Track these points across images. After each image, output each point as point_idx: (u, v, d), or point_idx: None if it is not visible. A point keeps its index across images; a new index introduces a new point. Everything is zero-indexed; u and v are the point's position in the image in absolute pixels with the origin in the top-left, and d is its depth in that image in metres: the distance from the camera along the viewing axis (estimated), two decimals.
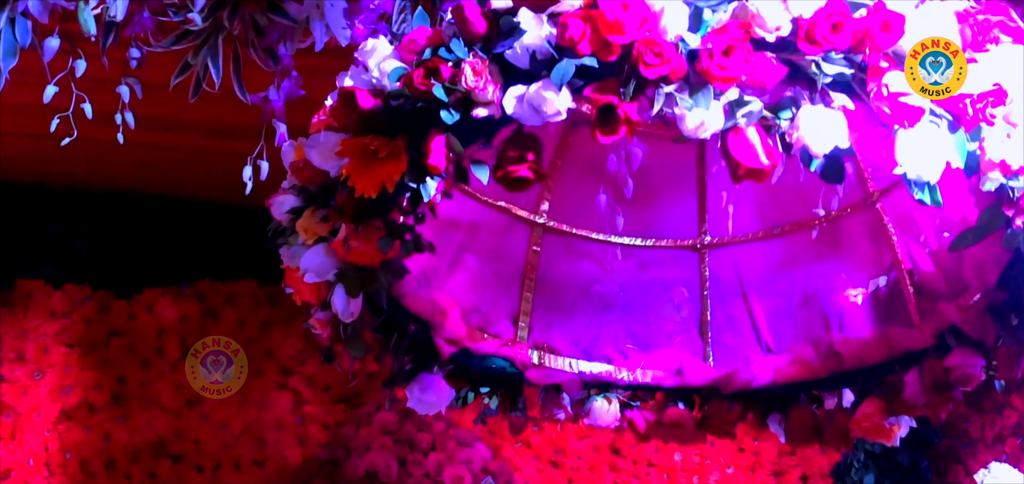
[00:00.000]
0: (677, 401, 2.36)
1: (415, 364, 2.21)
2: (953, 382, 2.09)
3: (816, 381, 2.30)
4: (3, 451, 3.77)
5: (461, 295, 2.27)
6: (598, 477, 4.11)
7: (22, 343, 3.85)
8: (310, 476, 3.88)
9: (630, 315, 2.42)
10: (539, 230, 2.39)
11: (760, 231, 2.44)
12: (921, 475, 4.34)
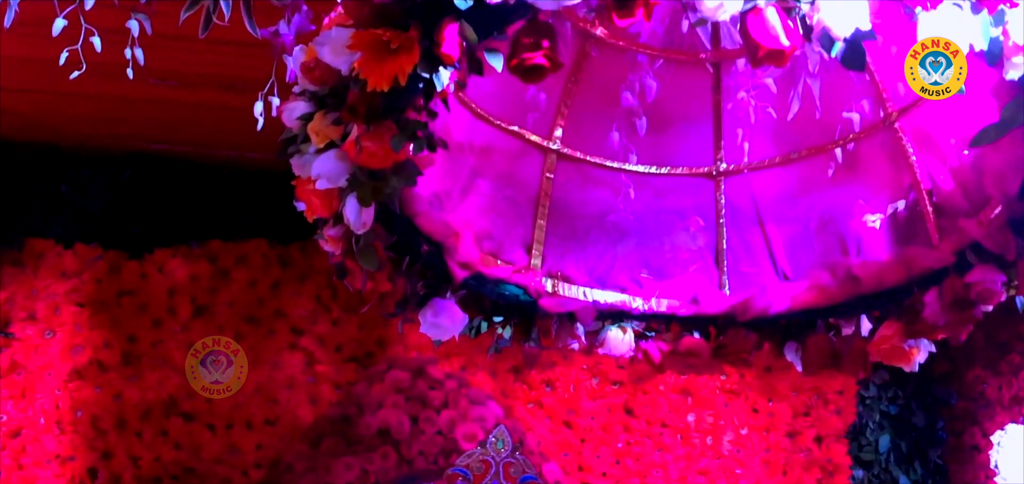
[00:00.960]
0: (692, 330, 2.33)
1: (428, 289, 2.18)
2: (974, 299, 2.06)
3: (833, 307, 2.27)
4: (14, 409, 3.76)
5: (474, 219, 2.25)
6: (611, 437, 4.08)
7: (33, 302, 3.83)
8: (322, 434, 3.85)
9: (645, 244, 2.39)
10: (553, 157, 2.36)
11: (777, 157, 2.41)
12: (937, 436, 4.31)
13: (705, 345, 2.31)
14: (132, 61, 2.11)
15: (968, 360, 4.37)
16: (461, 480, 3.29)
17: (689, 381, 4.18)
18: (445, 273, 2.17)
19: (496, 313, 2.30)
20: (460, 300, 2.22)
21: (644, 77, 2.34)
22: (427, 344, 3.92)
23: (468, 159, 2.27)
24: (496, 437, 3.32)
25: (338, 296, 4.01)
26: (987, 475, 4.26)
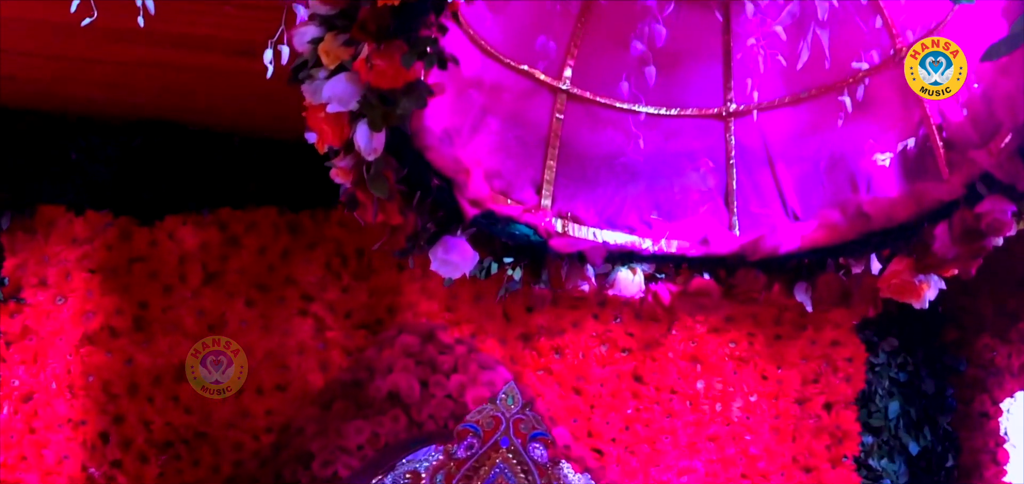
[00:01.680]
0: (702, 271, 2.33)
1: (438, 226, 2.19)
2: (984, 230, 2.06)
3: (844, 245, 2.27)
4: (26, 374, 3.77)
5: (484, 158, 2.25)
6: (620, 403, 4.08)
7: (44, 269, 3.84)
8: (333, 397, 3.86)
9: (655, 185, 2.39)
10: (562, 97, 2.36)
11: (787, 97, 2.41)
12: (946, 403, 4.30)
13: (715, 285, 2.31)
14: (143, 10, 2.12)
15: (977, 328, 4.37)
16: (471, 436, 3.31)
17: (698, 348, 4.18)
18: (455, 210, 2.17)
19: (506, 254, 2.30)
20: (470, 238, 2.22)
21: (653, 23, 2.34)
22: (437, 311, 3.94)
23: (478, 97, 2.27)
24: (506, 393, 3.33)
25: (348, 264, 4.02)
26: (997, 442, 4.26)
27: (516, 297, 4.06)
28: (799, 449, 4.16)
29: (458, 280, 3.98)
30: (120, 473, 3.72)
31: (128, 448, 3.75)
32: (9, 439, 3.72)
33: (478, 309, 4.09)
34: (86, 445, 3.72)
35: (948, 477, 4.22)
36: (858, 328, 4.29)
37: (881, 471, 4.16)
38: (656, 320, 4.16)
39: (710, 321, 4.20)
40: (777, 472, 4.11)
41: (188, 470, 3.77)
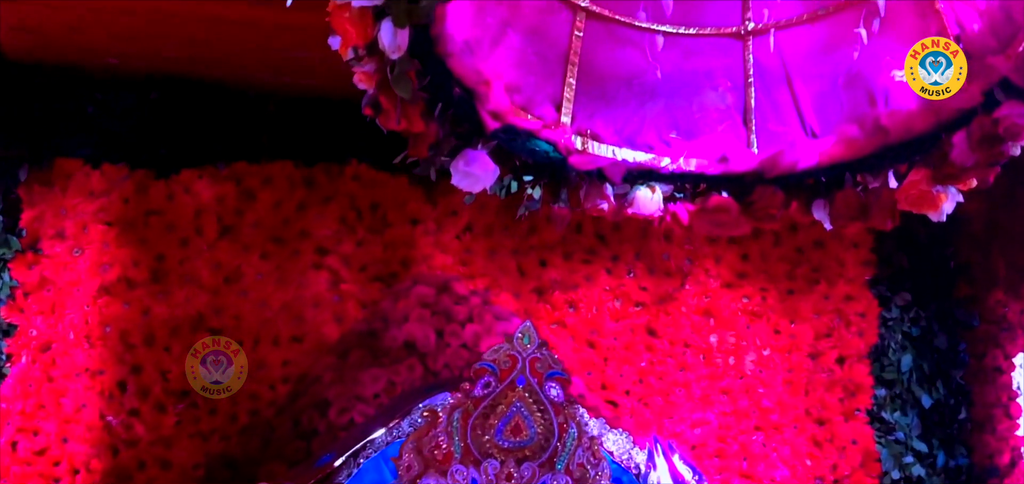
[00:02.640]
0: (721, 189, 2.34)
1: (460, 139, 2.21)
2: (1002, 135, 2.07)
3: (862, 160, 2.28)
4: (44, 324, 3.79)
5: (504, 71, 2.27)
6: (634, 356, 4.10)
7: (61, 221, 3.86)
8: (349, 347, 3.88)
9: (673, 104, 2.40)
10: (582, 14, 2.38)
11: (804, 14, 2.42)
12: (959, 357, 4.31)
13: (734, 203, 2.32)
14: None
15: (989, 285, 4.38)
16: (488, 375, 3.32)
17: (711, 303, 4.19)
18: (476, 123, 2.19)
19: (525, 172, 2.31)
20: (491, 152, 2.24)
21: None
22: (451, 265, 3.96)
23: (498, 9, 2.28)
24: (522, 333, 3.34)
25: (363, 217, 4.04)
26: (1009, 396, 4.28)
27: (529, 253, 4.09)
28: (812, 402, 4.17)
29: (472, 234, 4.03)
30: (138, 421, 3.74)
31: (145, 397, 3.76)
32: (27, 388, 3.74)
33: (492, 263, 4.11)
34: (104, 394, 3.74)
35: (961, 430, 4.23)
36: (871, 283, 4.31)
37: (894, 424, 4.17)
38: (669, 275, 4.18)
39: (723, 276, 4.22)
40: (790, 424, 4.12)
41: (205, 419, 3.79)
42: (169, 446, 3.73)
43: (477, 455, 3.28)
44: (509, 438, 3.28)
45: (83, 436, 3.70)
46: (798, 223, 4.19)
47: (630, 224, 4.19)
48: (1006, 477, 4.14)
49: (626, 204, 2.35)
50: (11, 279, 3.82)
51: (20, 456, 3.68)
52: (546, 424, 3.29)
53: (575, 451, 3.32)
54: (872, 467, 4.10)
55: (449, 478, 3.27)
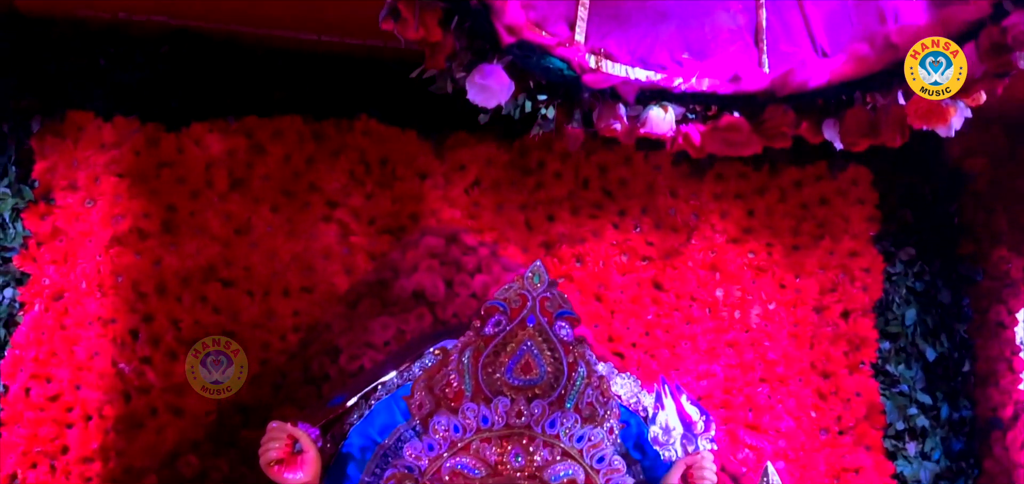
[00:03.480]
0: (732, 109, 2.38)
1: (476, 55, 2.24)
2: (1011, 44, 2.10)
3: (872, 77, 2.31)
4: (56, 273, 3.82)
5: None
6: (640, 309, 4.13)
7: (74, 172, 3.89)
8: (359, 297, 3.91)
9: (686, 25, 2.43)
10: None
11: None
12: (963, 312, 4.35)
13: (745, 122, 2.35)
14: None
15: (993, 242, 4.42)
16: (499, 313, 3.35)
17: (717, 258, 4.23)
18: (492, 37, 2.22)
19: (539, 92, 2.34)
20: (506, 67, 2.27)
21: None
22: (459, 219, 3.99)
23: None
24: (533, 272, 3.37)
25: (371, 171, 4.08)
26: (1012, 351, 4.31)
27: (537, 208, 4.12)
28: (817, 355, 4.21)
29: (480, 189, 4.06)
30: (150, 369, 3.77)
31: (157, 345, 3.79)
32: (40, 335, 3.77)
33: (500, 218, 4.15)
34: (116, 342, 3.77)
35: (964, 383, 4.27)
36: (875, 240, 4.35)
37: (898, 376, 4.21)
38: (675, 230, 4.22)
39: (729, 232, 4.26)
40: (795, 377, 4.15)
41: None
42: (181, 394, 3.75)
43: (488, 393, 3.30)
44: (519, 376, 3.31)
45: (96, 383, 3.73)
46: (804, 179, 4.25)
47: (637, 179, 4.23)
48: (1009, 430, 4.18)
49: (639, 124, 2.38)
50: (24, 229, 3.85)
51: (33, 402, 3.71)
52: (556, 363, 3.32)
53: (584, 390, 3.35)
54: (877, 419, 4.14)
55: (460, 416, 3.30)
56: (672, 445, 3.57)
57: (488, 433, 3.28)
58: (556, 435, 3.29)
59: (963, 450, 4.18)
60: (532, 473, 3.24)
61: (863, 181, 4.36)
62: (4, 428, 3.67)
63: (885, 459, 4.11)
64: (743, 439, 4.01)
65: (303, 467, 3.31)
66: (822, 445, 4.08)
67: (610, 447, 3.33)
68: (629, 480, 3.31)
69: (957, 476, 4.13)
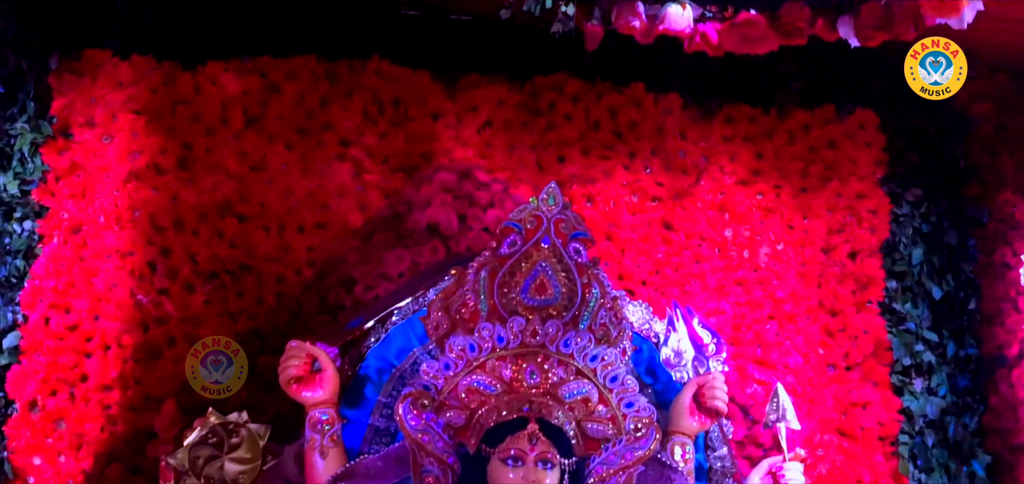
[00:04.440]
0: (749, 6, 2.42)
1: None
2: None
3: None
4: (74, 207, 3.87)
5: None
6: (651, 248, 4.17)
7: (91, 109, 3.94)
8: (374, 230, 3.96)
9: None
10: None
11: None
12: (969, 252, 4.40)
13: (762, 18, 2.39)
14: None
15: (998, 185, 4.47)
16: (514, 234, 3.39)
17: (726, 199, 4.27)
18: None
19: None
20: None
21: None
22: (471, 158, 4.04)
23: None
24: (547, 194, 3.42)
25: (384, 111, 4.13)
26: (1017, 291, 4.36)
27: (548, 149, 4.17)
28: (825, 294, 4.25)
29: (492, 129, 4.12)
30: (167, 300, 3.82)
31: (175, 278, 3.84)
32: (59, 267, 3.82)
33: (512, 158, 4.20)
34: (134, 274, 3.82)
35: (970, 321, 4.32)
36: (882, 181, 4.39)
37: (905, 314, 4.25)
38: (685, 171, 4.26)
39: (738, 173, 4.31)
40: (803, 315, 4.20)
41: (233, 299, 3.87)
42: (198, 324, 3.80)
43: (503, 313, 3.34)
44: (534, 296, 3.35)
45: (114, 314, 3.78)
46: (812, 123, 4.30)
47: (647, 122, 4.28)
48: (1015, 367, 4.22)
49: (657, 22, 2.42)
50: (43, 163, 3.91)
51: (53, 331, 3.76)
52: (570, 283, 3.36)
53: (598, 311, 3.39)
54: (884, 356, 4.18)
55: (476, 335, 3.34)
56: (684, 367, 3.63)
57: (503, 352, 3.32)
58: (570, 354, 3.33)
59: (969, 386, 4.23)
60: (547, 390, 3.29)
61: (870, 125, 4.41)
62: (24, 356, 3.72)
63: (892, 395, 4.15)
64: (752, 374, 4.05)
65: (322, 385, 3.37)
66: (830, 380, 4.13)
67: (623, 367, 3.36)
68: (642, 399, 3.34)
69: (963, 412, 4.18)
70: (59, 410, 3.68)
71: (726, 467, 3.62)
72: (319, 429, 3.35)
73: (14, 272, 3.80)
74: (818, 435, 4.02)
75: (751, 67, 4.35)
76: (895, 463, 4.06)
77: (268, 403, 3.62)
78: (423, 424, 3.24)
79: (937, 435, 4.12)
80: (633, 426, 3.29)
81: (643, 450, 3.27)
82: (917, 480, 4.04)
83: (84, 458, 3.65)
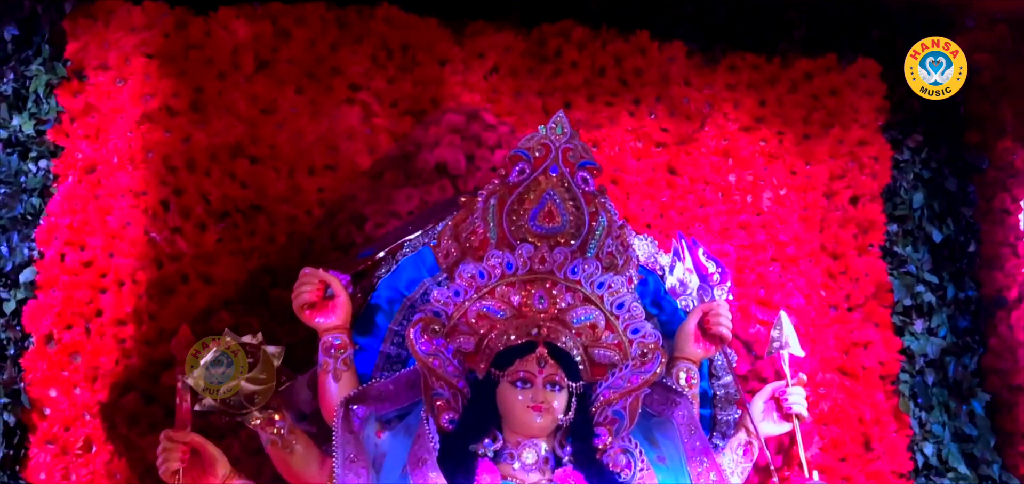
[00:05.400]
0: None
1: None
2: None
3: None
4: (88, 147, 3.94)
5: None
6: (655, 192, 4.23)
7: (105, 53, 4.01)
8: (383, 169, 4.02)
9: None
10: None
11: None
12: (969, 198, 4.46)
13: None
14: None
15: (998, 133, 4.54)
16: (523, 162, 3.46)
17: (730, 145, 4.33)
18: None
19: None
20: None
21: None
22: (479, 103, 4.10)
23: None
24: (555, 123, 3.49)
25: (393, 56, 4.20)
26: (1016, 236, 4.42)
27: (554, 95, 4.23)
28: (826, 238, 4.31)
29: (499, 75, 4.18)
30: (181, 238, 3.88)
31: (188, 217, 3.91)
32: (74, 205, 3.89)
33: (518, 103, 4.26)
34: (148, 213, 3.88)
35: (970, 264, 4.38)
36: (884, 128, 4.46)
37: (906, 257, 4.31)
38: (689, 118, 4.33)
39: (741, 120, 4.37)
40: (805, 257, 4.26)
41: (245, 238, 3.93)
42: (211, 262, 3.87)
43: (512, 240, 3.42)
44: (542, 223, 3.42)
45: (128, 251, 3.84)
46: (814, 71, 4.37)
47: (651, 69, 4.35)
48: (1014, 310, 4.29)
49: None
50: (57, 104, 3.97)
51: (68, 267, 3.82)
52: (577, 212, 3.43)
53: (605, 239, 3.47)
54: (884, 297, 4.24)
55: (485, 262, 3.42)
56: (689, 295, 3.70)
57: (512, 278, 3.40)
58: (577, 281, 3.40)
59: (968, 327, 4.29)
60: (555, 315, 3.36)
61: (871, 73, 4.47)
62: (40, 291, 3.78)
63: (893, 335, 4.21)
64: (755, 315, 4.11)
65: (335, 311, 3.44)
66: (832, 321, 4.19)
67: (629, 294, 3.44)
68: (648, 326, 3.42)
69: (963, 352, 4.24)
70: (75, 344, 3.74)
71: (730, 394, 3.68)
72: (332, 353, 3.41)
73: (30, 209, 3.86)
74: (820, 373, 4.08)
75: (754, 16, 4.42)
76: (896, 401, 4.12)
77: (281, 334, 3.68)
78: (433, 349, 3.31)
79: (937, 374, 4.18)
80: (639, 351, 3.36)
81: (648, 374, 3.34)
82: (917, 418, 4.10)
83: (99, 390, 3.71)
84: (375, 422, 3.37)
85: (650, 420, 3.47)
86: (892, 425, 4.10)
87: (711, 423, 3.68)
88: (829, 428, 4.05)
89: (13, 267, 3.79)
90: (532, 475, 3.29)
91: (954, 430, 4.13)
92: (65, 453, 3.66)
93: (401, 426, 3.38)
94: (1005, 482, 4.12)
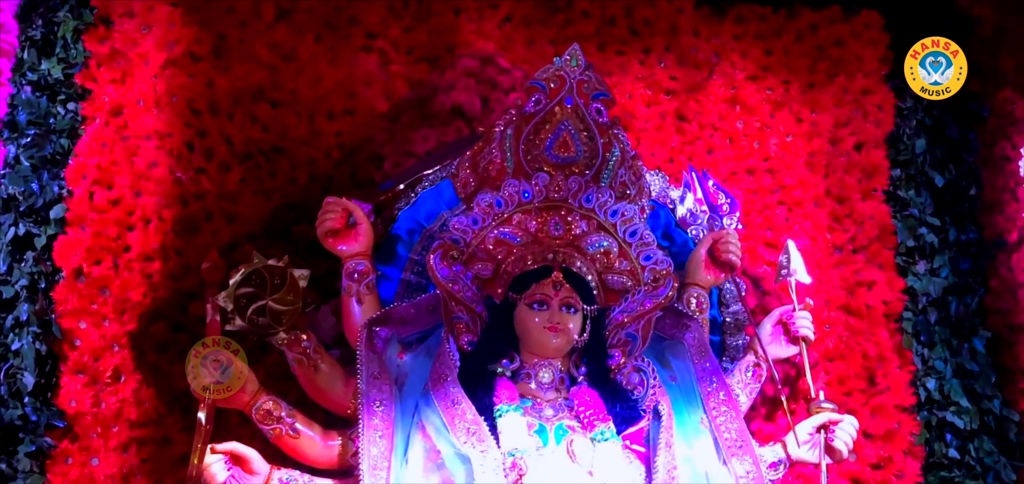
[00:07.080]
0: None
1: None
2: None
3: None
4: (114, 91, 4.05)
5: None
6: (665, 137, 4.33)
7: (130, 2, 4.13)
8: (400, 111, 4.13)
9: None
10: None
11: None
12: (970, 145, 4.56)
13: None
14: None
15: (998, 84, 4.63)
16: (539, 93, 3.57)
17: (738, 93, 4.44)
18: None
19: None
20: None
21: None
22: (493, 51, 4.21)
23: None
24: (570, 55, 3.60)
25: (409, 6, 4.31)
26: (1016, 182, 4.51)
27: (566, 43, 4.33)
28: (832, 183, 4.40)
29: (512, 24, 4.29)
30: (205, 178, 4.00)
31: (211, 158, 4.02)
32: (101, 146, 4.00)
33: (531, 52, 4.37)
34: (173, 154, 3.99)
35: (971, 208, 4.47)
36: (887, 78, 4.56)
37: (908, 200, 4.41)
38: (698, 67, 4.43)
39: (749, 69, 4.48)
40: (811, 201, 4.35)
41: (267, 179, 4.04)
42: (234, 201, 3.98)
43: (528, 169, 3.53)
44: (558, 153, 3.53)
45: (154, 190, 3.95)
46: (819, 22, 4.47)
47: (660, 20, 4.46)
48: (1014, 252, 4.38)
49: None
50: (85, 49, 4.09)
51: (97, 205, 3.93)
52: (591, 143, 3.54)
53: (618, 170, 3.58)
54: (888, 239, 4.34)
55: (502, 191, 3.53)
56: (699, 225, 3.81)
57: (529, 206, 3.51)
58: (592, 209, 3.52)
59: (970, 269, 4.38)
60: (570, 241, 3.47)
61: (875, 24, 4.58)
62: (70, 228, 3.89)
63: (896, 275, 4.30)
64: (762, 255, 4.22)
65: (357, 238, 3.55)
66: (837, 261, 4.29)
67: (641, 223, 3.55)
68: (659, 253, 3.53)
69: (964, 292, 4.34)
70: (103, 278, 3.85)
71: (739, 320, 3.79)
72: (355, 278, 3.53)
73: (59, 150, 3.98)
74: (825, 312, 4.18)
75: None
76: (899, 338, 4.22)
77: (304, 268, 3.79)
78: (453, 274, 3.42)
79: (939, 313, 4.28)
80: (651, 277, 3.47)
81: (661, 298, 3.45)
82: (920, 354, 4.20)
83: (128, 322, 3.82)
84: (397, 343, 3.47)
85: (662, 343, 3.58)
86: (895, 361, 4.19)
87: (721, 349, 3.79)
88: (835, 364, 4.15)
89: (44, 204, 3.90)
90: (549, 393, 3.40)
91: (956, 366, 4.23)
92: (95, 382, 3.77)
93: (422, 348, 3.49)
94: (1006, 416, 4.21)
